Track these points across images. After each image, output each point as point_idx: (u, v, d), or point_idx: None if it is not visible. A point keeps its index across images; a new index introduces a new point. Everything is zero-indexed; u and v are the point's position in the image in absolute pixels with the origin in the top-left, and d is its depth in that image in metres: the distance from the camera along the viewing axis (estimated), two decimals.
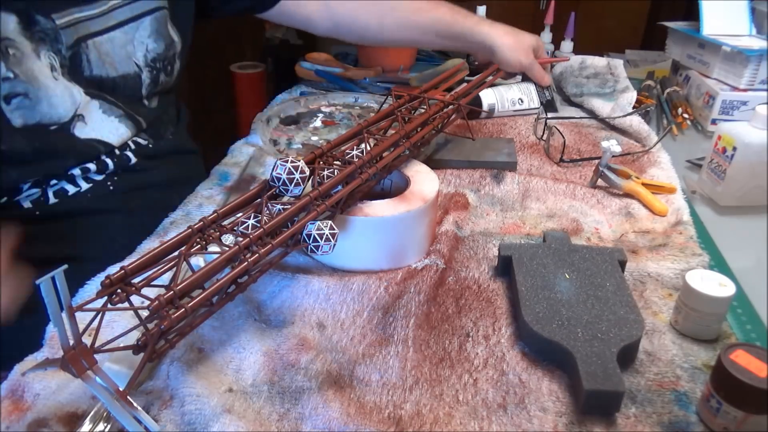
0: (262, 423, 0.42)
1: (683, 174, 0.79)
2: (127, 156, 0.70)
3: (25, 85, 0.60)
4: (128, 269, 0.40)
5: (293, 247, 0.48)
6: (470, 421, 0.42)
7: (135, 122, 0.72)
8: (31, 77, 0.60)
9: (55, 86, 0.63)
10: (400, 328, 0.50)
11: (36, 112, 0.61)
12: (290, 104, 0.84)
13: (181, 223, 0.65)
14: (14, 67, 0.59)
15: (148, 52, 0.72)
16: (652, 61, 1.31)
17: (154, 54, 0.73)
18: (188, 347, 0.47)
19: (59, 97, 0.63)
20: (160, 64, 0.75)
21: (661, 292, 0.55)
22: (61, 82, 0.63)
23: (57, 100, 0.63)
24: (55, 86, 0.63)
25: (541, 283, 0.52)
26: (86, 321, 0.38)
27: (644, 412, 0.43)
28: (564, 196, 0.72)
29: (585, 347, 0.45)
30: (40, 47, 0.61)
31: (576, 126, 0.94)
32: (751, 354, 0.40)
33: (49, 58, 0.62)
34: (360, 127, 0.59)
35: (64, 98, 0.64)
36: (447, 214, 0.66)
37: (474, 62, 1.12)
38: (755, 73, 0.92)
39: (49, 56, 0.62)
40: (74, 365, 0.36)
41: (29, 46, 0.60)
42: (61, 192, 0.65)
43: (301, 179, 0.49)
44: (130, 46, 0.70)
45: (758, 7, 1.02)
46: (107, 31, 0.68)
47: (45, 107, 0.62)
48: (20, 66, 0.59)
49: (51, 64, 0.62)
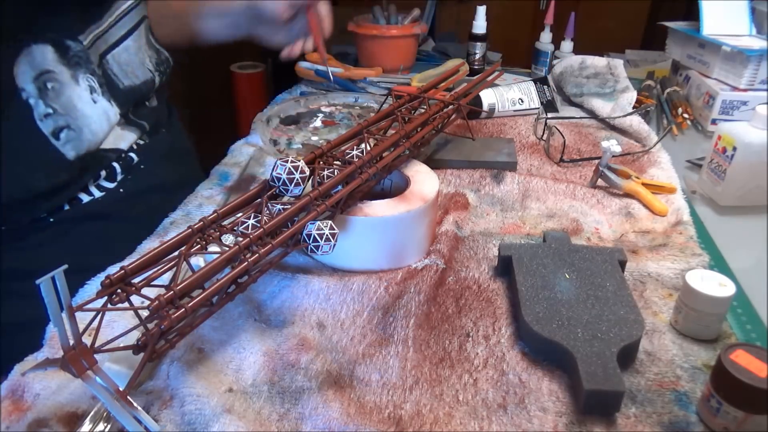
0: (262, 423, 0.42)
1: (683, 174, 0.79)
2: (131, 157, 0.71)
3: (66, 118, 0.60)
4: (128, 269, 0.40)
5: (293, 247, 0.48)
6: (470, 421, 0.42)
7: (139, 126, 0.73)
8: (69, 108, 0.60)
9: (92, 112, 0.63)
10: (400, 328, 0.50)
11: (83, 141, 0.62)
12: (290, 104, 0.84)
13: (181, 223, 0.65)
14: (53, 102, 0.59)
15: (151, 58, 0.74)
16: (652, 61, 1.31)
17: (155, 59, 0.74)
18: (188, 347, 0.47)
19: (97, 123, 0.64)
20: (162, 67, 0.77)
21: (661, 292, 0.55)
22: (100, 105, 0.64)
23: (96, 126, 0.63)
24: (92, 112, 0.63)
25: (541, 283, 0.52)
26: (86, 321, 0.38)
27: (644, 412, 0.43)
28: (564, 196, 0.72)
29: (585, 347, 0.45)
30: (78, 72, 0.62)
31: (576, 126, 0.94)
32: (751, 354, 0.40)
33: (87, 80, 0.63)
34: (360, 127, 0.59)
35: (101, 123, 0.64)
36: (447, 214, 0.66)
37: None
38: (755, 73, 0.92)
39: (87, 79, 0.63)
40: (74, 365, 0.36)
41: (68, 73, 0.61)
42: (75, 201, 0.65)
43: (301, 179, 0.49)
44: (141, 53, 0.72)
45: (758, 7, 1.02)
46: (122, 40, 0.69)
47: (88, 135, 0.62)
48: (59, 99, 0.60)
49: (90, 87, 0.63)
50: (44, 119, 0.58)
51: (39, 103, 0.58)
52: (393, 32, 1.14)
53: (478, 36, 1.16)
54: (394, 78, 1.15)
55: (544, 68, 1.18)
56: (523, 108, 0.97)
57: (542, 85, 1.01)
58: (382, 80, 1.13)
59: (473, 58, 1.17)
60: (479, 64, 1.18)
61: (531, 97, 0.97)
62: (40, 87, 0.58)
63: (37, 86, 0.58)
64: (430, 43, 1.43)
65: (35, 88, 0.58)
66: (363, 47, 1.18)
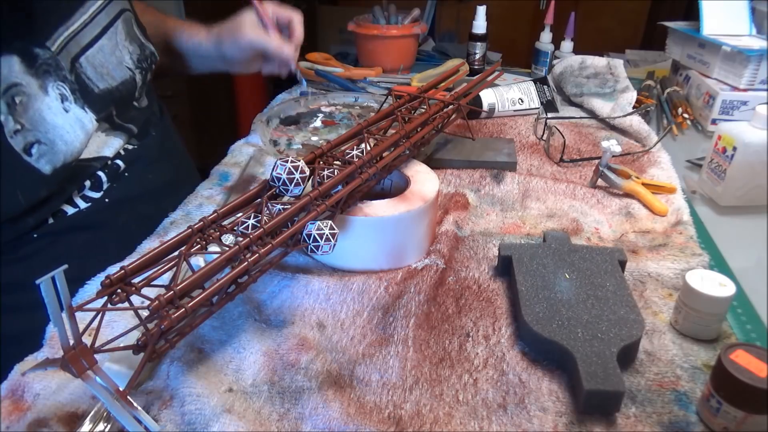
0: (262, 423, 0.42)
1: (683, 174, 0.79)
2: (117, 164, 0.68)
3: (34, 133, 0.57)
4: (128, 269, 0.40)
5: (293, 247, 0.48)
6: (470, 421, 0.42)
7: (126, 131, 0.70)
8: (38, 121, 0.58)
9: (64, 122, 0.60)
10: (400, 328, 0.50)
11: (57, 154, 0.59)
12: (290, 104, 0.84)
13: (181, 223, 0.65)
14: (20, 117, 0.56)
15: (131, 54, 0.70)
16: (652, 61, 1.31)
17: (136, 55, 0.71)
18: (188, 347, 0.47)
19: (71, 133, 0.60)
20: (144, 63, 0.73)
21: (661, 292, 0.55)
22: (72, 114, 0.61)
23: (70, 136, 0.60)
24: (64, 122, 0.60)
25: (541, 283, 0.52)
26: (86, 321, 0.38)
27: (644, 412, 0.43)
28: (564, 196, 0.72)
29: (585, 347, 0.45)
30: (47, 81, 0.59)
31: (576, 126, 0.94)
32: (751, 354, 0.40)
33: (57, 89, 0.60)
34: (360, 127, 0.59)
35: (75, 132, 0.61)
36: (447, 214, 0.66)
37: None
38: (755, 73, 0.92)
39: (57, 87, 0.60)
40: (74, 365, 0.36)
41: (35, 84, 0.58)
42: (60, 214, 0.63)
43: (301, 179, 0.49)
44: (118, 51, 0.68)
45: (758, 7, 1.02)
46: (96, 40, 0.65)
47: (61, 146, 0.59)
48: (26, 113, 0.57)
49: (61, 95, 0.60)
50: (14, 136, 0.56)
51: (9, 119, 0.55)
52: (393, 32, 1.14)
53: (478, 36, 1.16)
54: (394, 78, 1.15)
55: (544, 68, 1.18)
56: (523, 108, 0.97)
57: (542, 85, 1.01)
58: (382, 80, 1.13)
59: (473, 58, 1.17)
60: (479, 64, 1.18)
61: (531, 97, 0.97)
62: (9, 102, 0.55)
63: (5, 101, 0.55)
64: (430, 43, 1.44)
65: (4, 104, 0.55)
66: (363, 47, 1.18)
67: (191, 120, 2.01)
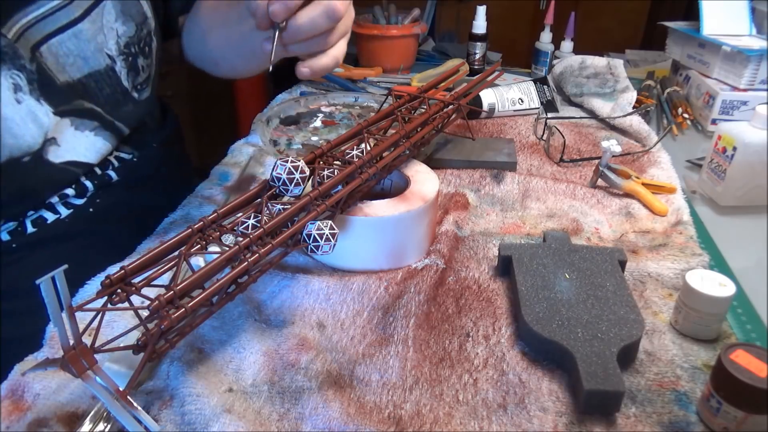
0: (262, 423, 0.42)
1: (683, 174, 0.79)
2: (109, 175, 0.65)
3: None
4: (128, 269, 0.40)
5: (293, 247, 0.48)
6: (470, 421, 0.42)
7: (114, 131, 0.66)
8: None
9: (14, 114, 0.56)
10: (400, 328, 0.50)
11: (3, 147, 0.55)
12: (290, 104, 0.84)
13: (181, 223, 0.65)
14: None
15: (119, 38, 0.64)
16: (652, 61, 1.31)
17: (126, 38, 0.65)
18: (188, 347, 0.47)
19: (21, 126, 0.56)
20: (135, 48, 0.66)
21: (661, 292, 0.55)
22: (25, 105, 0.57)
23: (19, 130, 0.56)
24: (14, 114, 0.56)
25: (541, 283, 0.52)
26: (86, 321, 0.38)
27: (644, 412, 0.43)
28: (564, 196, 0.72)
29: (585, 347, 0.45)
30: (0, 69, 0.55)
31: (576, 126, 0.94)
32: (751, 354, 0.40)
33: (11, 78, 0.55)
34: (360, 127, 0.59)
35: (26, 125, 0.57)
36: (447, 214, 0.66)
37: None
38: (755, 73, 0.92)
39: (11, 76, 0.55)
40: (74, 365, 0.36)
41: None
42: (39, 221, 0.61)
43: (301, 179, 0.49)
44: (100, 36, 0.62)
45: (758, 7, 1.02)
46: (71, 25, 0.59)
47: (9, 139, 0.56)
48: None
49: (15, 85, 0.56)
50: None
51: None
52: (393, 32, 1.14)
53: (478, 36, 1.16)
54: (394, 78, 1.15)
55: (544, 68, 1.18)
56: (523, 108, 0.97)
57: (542, 85, 1.01)
58: (382, 80, 1.13)
59: (473, 58, 1.18)
60: (479, 64, 1.18)
61: (531, 97, 0.97)
62: None
63: None
64: (430, 43, 1.43)
65: None
66: (363, 47, 1.18)
67: (191, 120, 2.01)
